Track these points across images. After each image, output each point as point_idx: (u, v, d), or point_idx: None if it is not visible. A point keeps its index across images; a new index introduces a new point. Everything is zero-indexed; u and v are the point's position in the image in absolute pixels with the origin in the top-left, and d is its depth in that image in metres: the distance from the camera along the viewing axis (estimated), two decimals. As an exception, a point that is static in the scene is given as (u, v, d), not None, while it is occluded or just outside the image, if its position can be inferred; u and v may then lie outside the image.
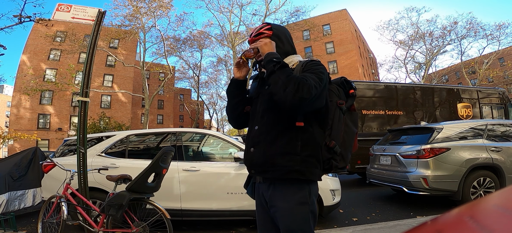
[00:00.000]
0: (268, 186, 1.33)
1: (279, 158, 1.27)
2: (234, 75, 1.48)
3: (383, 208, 4.88)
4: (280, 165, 1.27)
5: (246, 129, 1.58)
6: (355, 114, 1.44)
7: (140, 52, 23.65)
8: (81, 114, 3.21)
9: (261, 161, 1.32)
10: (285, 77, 1.20)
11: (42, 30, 21.09)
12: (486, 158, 4.53)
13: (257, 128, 1.36)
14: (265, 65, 1.29)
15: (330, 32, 32.78)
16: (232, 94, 1.49)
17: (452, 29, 24.59)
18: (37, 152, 4.95)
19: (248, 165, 1.41)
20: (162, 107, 42.92)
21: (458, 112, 8.55)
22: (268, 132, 1.32)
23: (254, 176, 1.43)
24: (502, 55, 29.00)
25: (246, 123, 1.53)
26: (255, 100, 1.46)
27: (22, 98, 24.83)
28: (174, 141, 4.05)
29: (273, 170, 1.29)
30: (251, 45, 1.44)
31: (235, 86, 1.48)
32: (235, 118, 1.53)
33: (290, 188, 1.28)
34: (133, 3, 19.10)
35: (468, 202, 0.38)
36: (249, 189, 1.51)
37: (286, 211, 1.27)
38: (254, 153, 1.35)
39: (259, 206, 1.42)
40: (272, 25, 1.47)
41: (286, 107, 1.20)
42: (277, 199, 1.29)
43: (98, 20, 3.35)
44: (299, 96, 1.16)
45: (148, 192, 2.81)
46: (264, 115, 1.36)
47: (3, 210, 4.04)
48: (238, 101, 1.48)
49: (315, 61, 1.36)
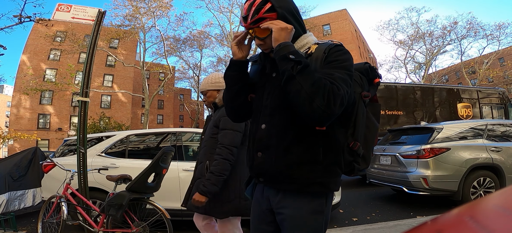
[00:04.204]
0: (277, 191, 1.12)
1: (297, 168, 1.04)
2: (235, 55, 1.17)
3: (383, 208, 4.88)
4: (299, 177, 1.05)
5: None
6: (378, 106, 1.22)
7: (140, 52, 23.67)
8: (81, 114, 3.21)
9: (273, 171, 1.08)
10: (309, 86, 0.93)
11: (42, 30, 21.07)
12: (486, 158, 4.53)
13: (265, 128, 1.11)
14: (280, 62, 1.00)
15: (330, 32, 32.79)
16: (234, 79, 1.19)
17: (452, 29, 24.61)
18: (37, 152, 4.94)
19: (255, 173, 1.16)
20: (162, 107, 42.93)
21: (458, 112, 8.55)
22: (281, 135, 1.07)
23: (259, 181, 1.19)
24: (502, 55, 29.00)
25: (250, 114, 1.25)
26: (259, 89, 1.19)
27: (22, 98, 24.84)
28: (174, 141, 4.05)
29: (289, 182, 1.06)
30: (262, 25, 1.07)
31: (238, 68, 1.18)
32: (237, 108, 1.24)
33: (305, 196, 1.07)
34: (132, 3, 19.11)
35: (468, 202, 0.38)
36: (249, 189, 1.28)
37: (297, 221, 1.06)
38: (262, 159, 1.10)
39: (259, 209, 1.20)
40: (271, 1, 1.08)
41: (314, 122, 0.98)
42: (288, 206, 1.08)
43: (98, 20, 3.35)
44: (329, 112, 0.93)
45: (148, 192, 2.81)
46: (275, 113, 1.10)
47: (3, 210, 4.03)
48: (240, 87, 1.19)
49: (341, 49, 1.06)
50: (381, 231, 3.35)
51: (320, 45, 1.10)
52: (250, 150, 1.17)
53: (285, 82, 0.98)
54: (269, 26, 1.04)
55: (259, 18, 1.07)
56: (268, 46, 1.11)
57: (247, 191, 1.30)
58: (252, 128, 1.20)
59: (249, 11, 1.08)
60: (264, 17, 1.07)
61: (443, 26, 25.53)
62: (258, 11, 1.07)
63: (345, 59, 1.04)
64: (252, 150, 1.15)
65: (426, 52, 26.37)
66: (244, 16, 1.10)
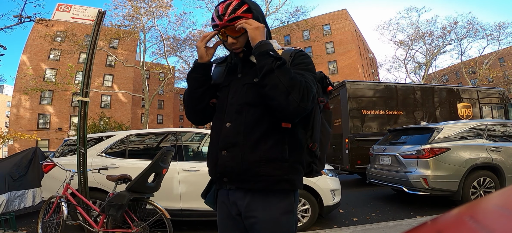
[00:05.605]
0: (245, 193, 1.09)
1: (264, 165, 1.05)
2: (202, 58, 1.17)
3: (383, 208, 4.88)
4: (265, 174, 1.05)
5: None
6: (329, 113, 1.27)
7: (140, 52, 23.65)
8: (81, 114, 3.22)
9: (239, 169, 1.06)
10: (287, 80, 0.99)
11: (42, 30, 21.08)
12: (486, 158, 4.54)
13: (231, 126, 1.10)
14: (259, 57, 1.04)
15: (330, 32, 32.78)
16: (198, 82, 1.19)
17: (452, 29, 24.60)
18: (37, 152, 4.95)
19: (219, 172, 1.11)
20: (162, 107, 42.94)
21: (458, 112, 8.55)
22: (249, 132, 1.07)
23: (222, 183, 1.14)
24: (502, 55, 29.01)
25: (210, 118, 1.25)
26: (223, 89, 1.19)
27: (22, 98, 24.84)
28: (174, 141, 4.05)
29: (256, 180, 1.06)
30: (238, 23, 1.10)
31: (203, 71, 1.19)
32: (200, 111, 1.23)
33: (274, 196, 1.07)
34: (132, 3, 19.11)
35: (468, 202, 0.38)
36: (211, 196, 1.22)
37: (269, 223, 1.05)
38: (228, 157, 1.08)
39: (225, 217, 1.16)
40: (248, 3, 1.13)
41: (286, 116, 1.02)
42: (257, 209, 1.07)
43: (98, 20, 3.35)
44: (303, 105, 0.99)
45: (148, 192, 2.81)
46: (242, 110, 1.10)
47: (3, 210, 4.04)
48: (204, 90, 1.19)
49: (305, 54, 1.15)
50: (381, 231, 3.35)
51: (285, 50, 1.16)
52: (213, 150, 1.15)
53: (263, 76, 1.02)
54: (244, 25, 1.08)
55: (236, 16, 1.10)
56: (241, 46, 1.14)
57: (208, 199, 1.24)
58: (215, 127, 1.18)
59: (225, 10, 1.11)
60: (241, 16, 1.11)
61: (443, 26, 25.59)
62: (235, 11, 1.11)
63: (309, 63, 1.13)
64: (216, 148, 1.13)
65: (426, 52, 26.38)
66: (219, 15, 1.12)
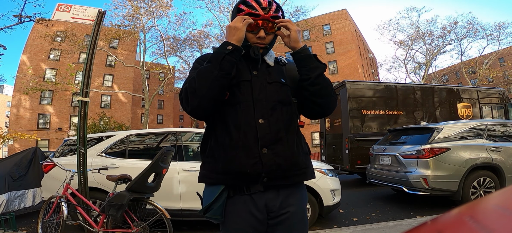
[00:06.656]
0: (277, 191, 1.07)
1: (304, 159, 1.13)
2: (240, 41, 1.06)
3: (383, 208, 4.88)
4: (305, 167, 1.12)
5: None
6: None
7: (140, 52, 23.66)
8: (81, 115, 3.21)
9: (287, 164, 1.06)
10: (331, 84, 1.13)
11: (42, 30, 21.06)
12: (486, 158, 4.53)
13: (266, 122, 1.05)
14: (307, 58, 1.11)
15: (330, 32, 32.76)
16: (233, 67, 1.05)
17: (452, 29, 24.61)
18: (37, 152, 4.95)
19: (265, 171, 1.03)
20: (162, 107, 42.92)
21: (458, 112, 8.55)
22: (287, 128, 1.09)
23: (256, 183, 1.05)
24: (502, 55, 29.00)
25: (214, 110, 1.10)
26: (244, 84, 1.09)
27: (22, 98, 24.83)
28: (174, 141, 4.05)
29: (299, 173, 1.10)
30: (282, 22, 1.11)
31: (239, 56, 1.07)
32: (219, 101, 1.06)
33: (303, 188, 1.17)
34: (132, 3, 19.11)
35: (468, 202, 0.38)
36: (221, 207, 1.07)
37: (300, 215, 1.11)
38: (273, 154, 1.03)
39: (247, 226, 1.05)
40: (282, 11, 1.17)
41: (325, 113, 1.16)
42: (294, 203, 1.10)
43: (98, 20, 3.35)
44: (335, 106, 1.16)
45: (148, 192, 2.81)
46: (276, 107, 1.08)
47: (3, 210, 4.04)
48: (229, 80, 1.06)
49: None
50: (381, 231, 3.35)
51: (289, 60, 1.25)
52: (249, 148, 1.03)
53: (318, 76, 1.10)
54: (288, 25, 1.11)
55: (278, 16, 1.12)
56: (267, 43, 1.16)
57: (215, 211, 1.08)
58: (240, 123, 1.05)
59: (270, 6, 1.11)
60: (281, 17, 1.14)
61: (443, 26, 25.63)
62: (277, 11, 1.13)
63: None
64: (253, 147, 1.03)
65: (426, 52, 26.39)
66: (264, 8, 1.09)
